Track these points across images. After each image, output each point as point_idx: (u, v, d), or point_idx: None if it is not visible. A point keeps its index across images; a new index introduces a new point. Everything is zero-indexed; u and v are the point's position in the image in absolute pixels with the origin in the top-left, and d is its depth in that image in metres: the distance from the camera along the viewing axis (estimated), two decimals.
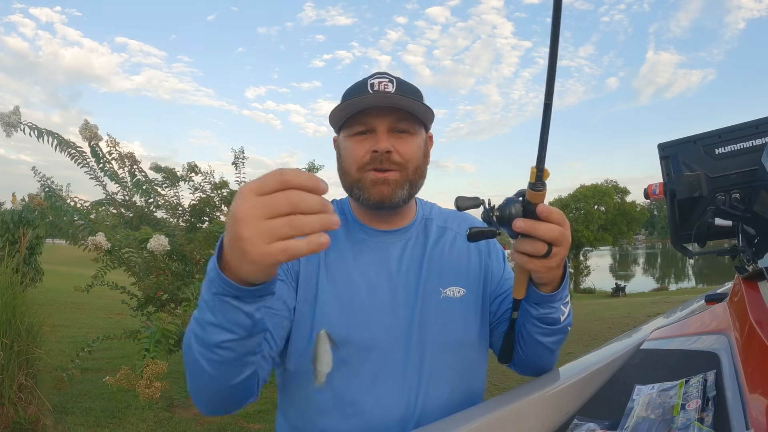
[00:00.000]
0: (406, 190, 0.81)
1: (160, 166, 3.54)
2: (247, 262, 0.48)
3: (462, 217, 0.94)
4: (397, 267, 0.83)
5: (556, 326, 0.78)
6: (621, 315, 8.10)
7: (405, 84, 0.83)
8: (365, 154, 0.79)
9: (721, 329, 0.93)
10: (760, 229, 0.91)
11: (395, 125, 0.80)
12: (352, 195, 0.83)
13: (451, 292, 0.84)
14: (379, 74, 0.82)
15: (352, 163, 0.80)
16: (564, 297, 0.76)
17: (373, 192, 0.79)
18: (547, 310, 0.76)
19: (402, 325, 0.80)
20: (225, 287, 0.53)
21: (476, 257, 0.89)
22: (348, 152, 0.81)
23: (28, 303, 3.06)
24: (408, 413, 0.78)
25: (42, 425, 2.77)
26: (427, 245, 0.86)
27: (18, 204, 5.13)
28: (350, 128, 0.81)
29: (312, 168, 3.85)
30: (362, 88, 0.81)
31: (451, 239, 0.89)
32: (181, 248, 3.07)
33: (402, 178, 0.80)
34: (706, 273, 23.46)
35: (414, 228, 0.88)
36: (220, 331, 0.57)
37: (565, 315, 0.78)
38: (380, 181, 0.79)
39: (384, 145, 0.77)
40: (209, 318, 0.57)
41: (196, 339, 0.60)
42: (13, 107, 2.67)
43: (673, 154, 1.01)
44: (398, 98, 0.78)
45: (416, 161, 0.82)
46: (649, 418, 0.70)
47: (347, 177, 0.82)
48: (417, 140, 0.82)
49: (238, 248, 0.47)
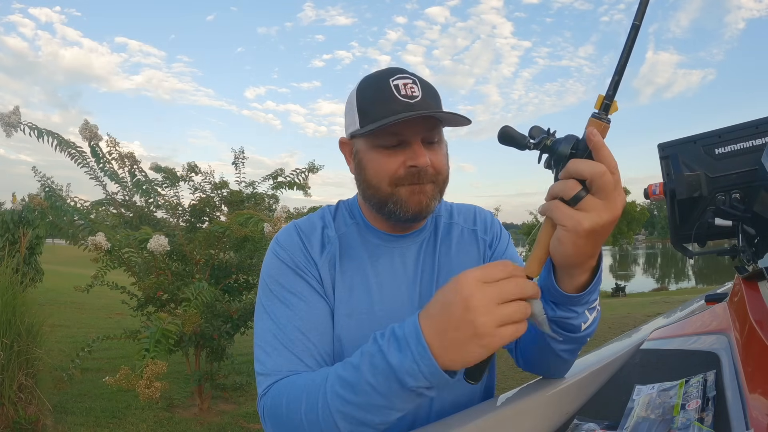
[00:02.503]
0: (437, 200, 0.78)
1: (160, 166, 3.54)
2: (478, 346, 0.50)
3: (467, 209, 0.92)
4: (414, 271, 0.82)
5: (574, 333, 0.66)
6: (621, 315, 8.09)
7: (427, 85, 0.76)
8: (399, 168, 0.73)
9: (721, 329, 0.93)
10: (760, 229, 0.91)
11: (428, 136, 0.74)
12: (383, 210, 0.77)
13: None
14: (401, 74, 0.74)
15: (384, 178, 0.74)
16: (592, 301, 0.64)
17: (411, 204, 0.74)
18: (566, 314, 0.64)
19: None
20: (433, 380, 0.52)
21: (482, 248, 0.87)
22: (378, 165, 0.74)
23: (28, 303, 3.06)
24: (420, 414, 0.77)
25: (42, 425, 2.77)
26: (437, 245, 0.85)
27: (18, 204, 5.12)
28: (377, 138, 0.74)
29: (312, 168, 3.85)
30: (386, 92, 0.72)
31: (458, 235, 0.87)
32: (181, 248, 3.07)
33: (435, 189, 0.77)
34: (706, 273, 23.45)
35: (427, 229, 0.86)
36: (393, 413, 0.56)
37: (588, 323, 0.66)
38: (417, 191, 0.74)
39: (425, 161, 0.72)
40: (380, 402, 0.55)
41: (346, 419, 0.57)
42: (13, 107, 2.68)
43: (673, 154, 1.00)
44: (444, 113, 0.72)
45: (446, 171, 0.78)
46: (649, 418, 0.70)
47: (377, 192, 0.76)
48: (444, 148, 0.79)
49: (468, 335, 0.50)
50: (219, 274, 3.31)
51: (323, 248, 0.79)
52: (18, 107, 2.67)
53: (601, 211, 0.51)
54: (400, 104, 0.71)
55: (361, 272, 0.79)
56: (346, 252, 0.80)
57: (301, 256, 0.77)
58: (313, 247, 0.78)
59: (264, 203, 3.83)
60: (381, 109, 0.71)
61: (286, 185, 3.81)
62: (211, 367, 3.41)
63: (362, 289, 0.78)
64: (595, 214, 0.51)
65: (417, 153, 0.72)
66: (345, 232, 0.82)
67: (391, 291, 0.79)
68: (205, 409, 3.40)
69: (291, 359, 0.69)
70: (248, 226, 2.81)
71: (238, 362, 3.58)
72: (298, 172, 3.81)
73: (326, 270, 0.77)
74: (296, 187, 3.83)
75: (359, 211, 0.84)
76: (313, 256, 0.77)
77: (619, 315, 8.14)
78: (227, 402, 3.61)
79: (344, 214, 0.85)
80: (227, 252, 3.49)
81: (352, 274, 0.78)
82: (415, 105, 0.72)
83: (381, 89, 0.73)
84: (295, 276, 0.75)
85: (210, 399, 3.48)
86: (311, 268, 0.76)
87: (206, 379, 3.28)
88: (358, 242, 0.81)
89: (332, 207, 0.87)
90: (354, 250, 0.80)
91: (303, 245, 0.78)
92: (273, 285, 0.75)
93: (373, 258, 0.80)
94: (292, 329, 0.71)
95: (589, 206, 0.51)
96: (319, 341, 0.72)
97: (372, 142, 0.75)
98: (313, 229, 0.80)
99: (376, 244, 0.82)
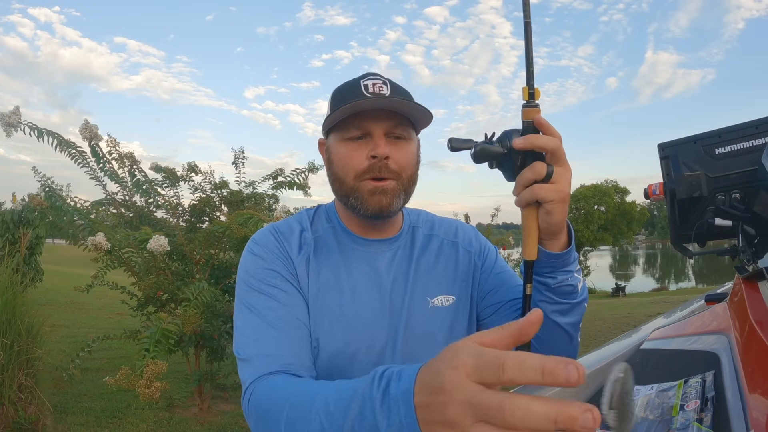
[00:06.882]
0: (401, 199, 0.79)
1: (160, 166, 3.54)
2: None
3: (448, 223, 0.92)
4: (386, 278, 0.82)
5: (573, 299, 0.73)
6: (621, 315, 8.10)
7: (398, 87, 0.80)
8: (363, 161, 0.76)
9: (721, 329, 0.93)
10: (760, 229, 0.91)
11: (392, 130, 0.77)
12: (347, 204, 0.80)
13: (439, 301, 0.83)
14: (372, 75, 0.79)
15: (349, 171, 0.77)
16: (575, 258, 0.72)
17: (371, 202, 0.76)
18: (564, 276, 0.70)
19: (389, 337, 0.79)
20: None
21: (465, 259, 0.88)
22: (343, 158, 0.78)
23: (28, 303, 3.06)
24: None
25: (42, 425, 2.77)
26: (413, 255, 0.85)
27: (18, 204, 5.13)
28: (344, 132, 0.78)
29: (312, 168, 3.85)
30: (356, 90, 0.77)
31: (438, 247, 0.87)
32: (181, 248, 3.07)
33: (398, 187, 0.78)
34: (706, 273, 23.45)
35: (402, 237, 0.86)
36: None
37: (581, 284, 0.73)
38: (378, 190, 0.76)
39: (383, 150, 0.75)
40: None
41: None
42: (12, 107, 2.68)
43: (673, 154, 1.01)
44: (399, 102, 0.75)
45: (411, 169, 0.80)
46: (648, 418, 0.70)
47: (342, 185, 0.79)
48: (411, 147, 0.81)
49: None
50: (219, 274, 3.31)
51: (300, 249, 0.80)
52: (18, 107, 2.67)
53: (566, 175, 0.63)
54: (370, 100, 0.75)
55: (334, 274, 0.79)
56: (321, 253, 0.81)
57: (278, 252, 0.78)
58: (291, 246, 0.79)
59: (264, 203, 3.83)
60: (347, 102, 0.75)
61: (286, 185, 3.81)
62: (211, 367, 3.41)
63: (334, 291, 0.78)
64: (564, 180, 0.63)
65: (377, 143, 0.76)
66: (321, 234, 0.83)
67: (363, 295, 0.79)
68: (205, 409, 3.40)
69: (272, 347, 0.70)
70: (248, 226, 2.81)
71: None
72: (298, 172, 3.82)
73: (302, 269, 0.78)
74: (296, 187, 3.83)
75: (335, 215, 0.85)
76: (291, 255, 0.78)
77: (619, 315, 8.14)
78: (227, 402, 3.61)
79: (322, 217, 0.86)
80: (227, 252, 3.50)
81: (326, 276, 0.79)
82: (385, 101, 0.75)
83: (351, 88, 0.78)
84: (272, 271, 0.76)
85: (210, 399, 3.48)
86: (288, 265, 0.77)
87: (206, 379, 3.28)
88: (333, 245, 0.82)
89: (311, 210, 0.88)
90: (329, 252, 0.81)
91: (279, 244, 0.79)
92: (251, 280, 0.76)
93: (347, 261, 0.81)
94: (274, 318, 0.72)
95: (559, 175, 0.62)
96: (301, 331, 0.73)
97: (339, 135, 0.78)
98: (290, 231, 0.82)
99: (350, 247, 0.82)
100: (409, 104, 0.76)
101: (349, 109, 0.74)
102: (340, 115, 0.76)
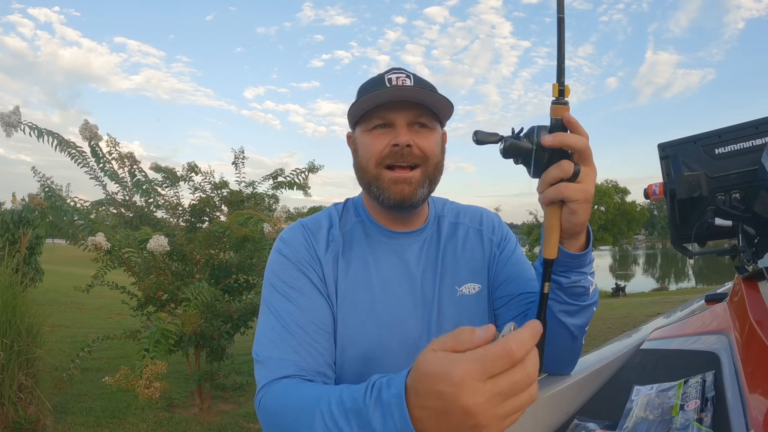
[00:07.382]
0: (426, 188, 0.79)
1: (160, 166, 3.55)
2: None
3: (473, 211, 0.93)
4: (416, 270, 0.82)
5: (583, 301, 0.72)
6: (621, 315, 8.10)
7: (422, 80, 0.81)
8: (384, 148, 0.77)
9: (721, 329, 0.93)
10: (760, 229, 0.91)
11: (415, 120, 0.78)
12: (370, 193, 0.81)
13: (467, 289, 0.83)
14: (396, 69, 0.81)
15: (371, 158, 0.78)
16: (591, 260, 0.71)
17: (393, 191, 0.77)
18: (578, 277, 0.70)
19: (423, 329, 0.79)
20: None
21: (488, 247, 0.88)
22: (366, 147, 0.79)
23: (28, 303, 3.06)
24: None
25: (42, 425, 2.77)
26: (440, 244, 0.85)
27: (18, 204, 5.12)
28: (368, 122, 0.79)
29: (312, 168, 3.85)
30: (380, 83, 0.79)
31: (464, 235, 0.88)
32: (181, 248, 3.07)
33: (422, 174, 0.78)
34: (706, 273, 23.44)
35: (429, 228, 0.86)
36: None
37: (593, 287, 0.73)
38: (401, 180, 0.77)
39: (405, 138, 0.76)
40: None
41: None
42: (12, 107, 2.68)
43: (673, 154, 1.01)
44: (420, 91, 0.76)
45: (436, 156, 0.80)
46: (648, 418, 0.70)
47: (365, 173, 0.80)
48: (435, 135, 0.81)
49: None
50: (219, 274, 3.31)
51: (328, 246, 0.80)
52: (18, 107, 2.67)
53: (591, 175, 0.62)
54: (389, 91, 0.76)
55: (363, 269, 0.80)
56: (350, 248, 0.81)
57: (305, 253, 0.78)
58: (319, 245, 0.79)
59: (264, 203, 3.83)
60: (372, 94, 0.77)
61: (286, 185, 3.81)
62: (211, 367, 3.41)
63: (365, 287, 0.79)
64: (590, 180, 0.62)
65: (399, 132, 0.77)
66: (349, 229, 0.83)
67: (394, 288, 0.80)
68: (205, 409, 3.40)
69: (287, 351, 0.70)
70: (248, 226, 2.81)
71: (238, 362, 3.58)
72: (298, 172, 3.82)
73: (330, 267, 0.78)
74: (296, 187, 3.83)
75: (363, 208, 0.86)
76: (318, 254, 0.78)
77: (619, 315, 8.14)
78: (227, 402, 3.61)
79: (350, 211, 0.86)
80: (227, 252, 3.50)
81: (355, 272, 0.79)
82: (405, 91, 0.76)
83: (375, 82, 0.80)
84: (298, 272, 0.76)
85: (210, 399, 3.48)
86: (315, 266, 0.77)
87: (206, 379, 3.28)
88: (362, 239, 0.82)
89: (339, 205, 0.88)
90: (357, 247, 0.81)
91: (307, 243, 0.79)
92: (275, 281, 0.76)
93: (375, 255, 0.81)
94: (291, 323, 0.72)
95: (585, 175, 0.61)
96: (317, 336, 0.73)
97: (364, 126, 0.80)
98: (319, 227, 0.82)
99: (379, 240, 0.83)
100: (430, 94, 0.76)
101: (371, 99, 0.76)
102: (361, 105, 0.78)
